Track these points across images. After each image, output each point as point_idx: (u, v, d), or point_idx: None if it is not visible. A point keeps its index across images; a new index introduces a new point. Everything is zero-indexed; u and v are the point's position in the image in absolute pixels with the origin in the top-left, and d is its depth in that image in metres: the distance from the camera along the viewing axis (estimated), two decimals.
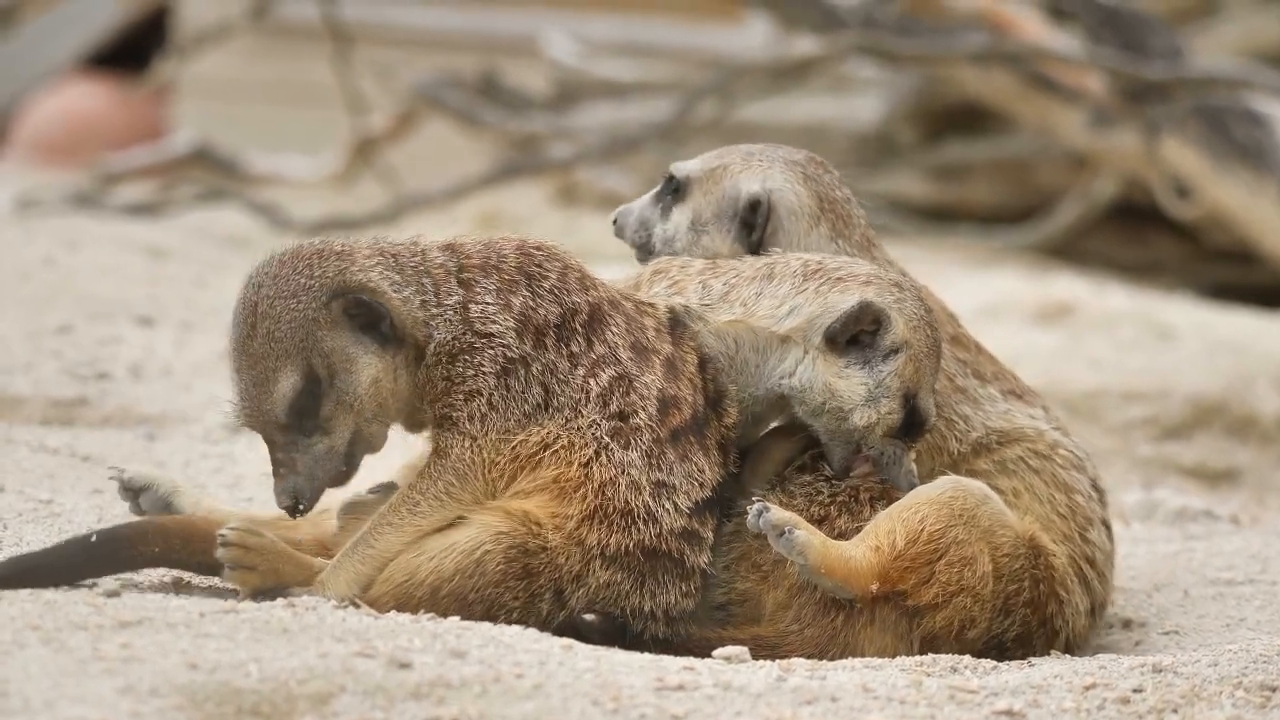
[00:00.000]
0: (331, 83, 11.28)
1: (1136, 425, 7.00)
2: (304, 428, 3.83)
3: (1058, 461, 4.25)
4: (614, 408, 3.91)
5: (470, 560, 3.80)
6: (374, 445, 3.91)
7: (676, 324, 4.06)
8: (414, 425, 3.97)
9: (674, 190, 4.28)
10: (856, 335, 4.01)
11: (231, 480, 5.12)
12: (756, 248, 4.23)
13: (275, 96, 14.66)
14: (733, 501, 4.05)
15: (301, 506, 3.83)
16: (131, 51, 15.67)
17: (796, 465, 4.13)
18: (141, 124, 15.01)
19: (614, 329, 3.97)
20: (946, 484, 4.06)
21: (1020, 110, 8.23)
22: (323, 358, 3.82)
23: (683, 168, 4.30)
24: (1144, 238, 11.04)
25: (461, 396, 3.87)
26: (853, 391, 4.02)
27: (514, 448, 3.87)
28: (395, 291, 3.86)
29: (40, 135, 15.27)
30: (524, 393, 3.89)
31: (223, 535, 3.78)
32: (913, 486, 4.05)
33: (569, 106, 11.61)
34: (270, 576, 3.80)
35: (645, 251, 4.30)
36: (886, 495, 4.06)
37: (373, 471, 4.04)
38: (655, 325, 4.04)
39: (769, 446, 4.19)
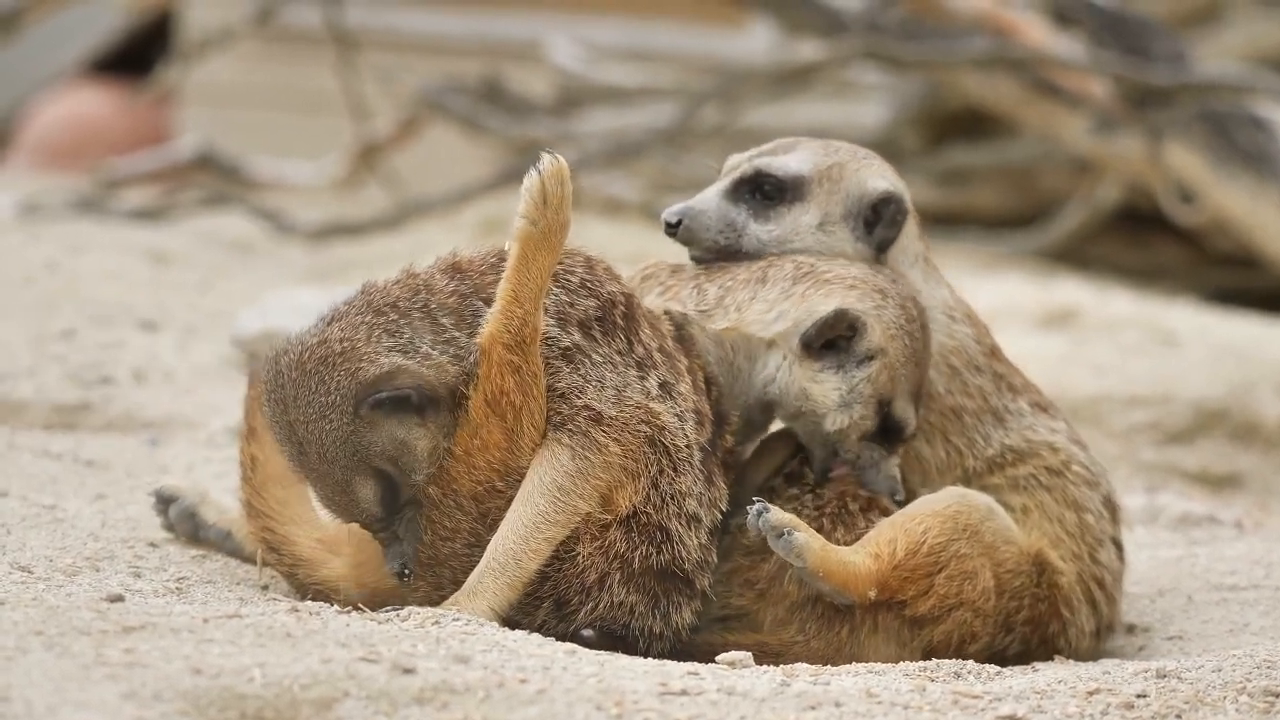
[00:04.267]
0: (335, 88, 11.30)
1: (1140, 430, 6.99)
2: (396, 508, 3.82)
3: (1070, 478, 4.20)
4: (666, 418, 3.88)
5: None
6: None
7: (682, 333, 4.04)
8: None
9: (776, 190, 4.13)
10: (833, 340, 3.99)
11: (234, 485, 5.11)
12: (887, 245, 4.16)
13: (279, 102, 14.67)
14: (725, 517, 4.03)
15: (408, 571, 3.82)
16: (135, 57, 15.68)
17: (785, 473, 4.12)
18: (145, 129, 15.02)
19: (645, 329, 3.94)
20: (951, 496, 4.04)
21: (1024, 116, 8.23)
22: (380, 456, 3.78)
23: (787, 166, 4.16)
24: (1147, 243, 11.04)
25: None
26: (825, 396, 3.99)
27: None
28: (408, 357, 3.79)
29: (44, 140, 15.28)
30: (600, 380, 3.85)
31: None
32: (893, 492, 4.03)
33: (572, 112, 11.61)
34: None
35: (725, 255, 4.13)
36: (876, 505, 4.04)
37: None
38: (667, 330, 4.01)
39: (758, 457, 4.18)
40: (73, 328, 6.90)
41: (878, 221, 4.16)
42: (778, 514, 3.86)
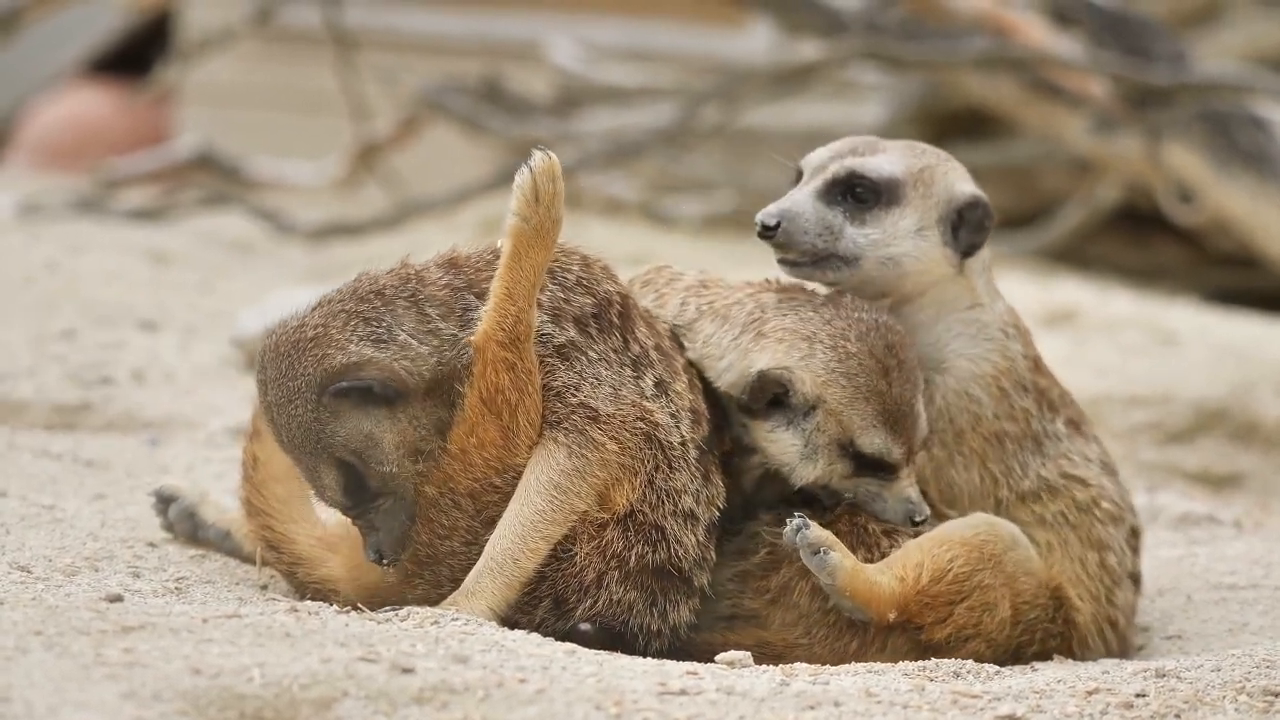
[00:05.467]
0: (335, 88, 11.29)
1: (1140, 430, 6.99)
2: (368, 497, 3.81)
3: (1097, 515, 4.17)
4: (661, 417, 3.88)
5: None
6: None
7: (675, 337, 4.03)
8: None
9: (869, 193, 4.07)
10: (775, 397, 3.96)
11: (234, 485, 5.11)
12: (973, 251, 4.14)
13: (278, 102, 14.67)
14: (735, 519, 4.03)
15: (386, 560, 3.82)
16: (135, 57, 15.68)
17: (804, 497, 4.10)
18: (145, 129, 15.02)
19: (641, 327, 3.93)
20: (980, 524, 4.01)
21: (1024, 116, 8.22)
22: (343, 447, 3.77)
23: (880, 168, 4.09)
24: (1147, 243, 11.04)
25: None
26: (785, 453, 3.96)
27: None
28: (380, 348, 3.78)
29: (44, 140, 15.28)
30: (596, 377, 3.84)
31: None
32: (910, 516, 3.99)
33: (572, 112, 11.61)
34: None
35: (818, 260, 4.06)
36: (896, 529, 4.03)
37: None
38: (664, 330, 4.01)
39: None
40: (73, 328, 6.90)
41: (960, 226, 4.14)
42: (817, 531, 3.85)
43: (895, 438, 3.97)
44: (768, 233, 4.04)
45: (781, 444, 3.96)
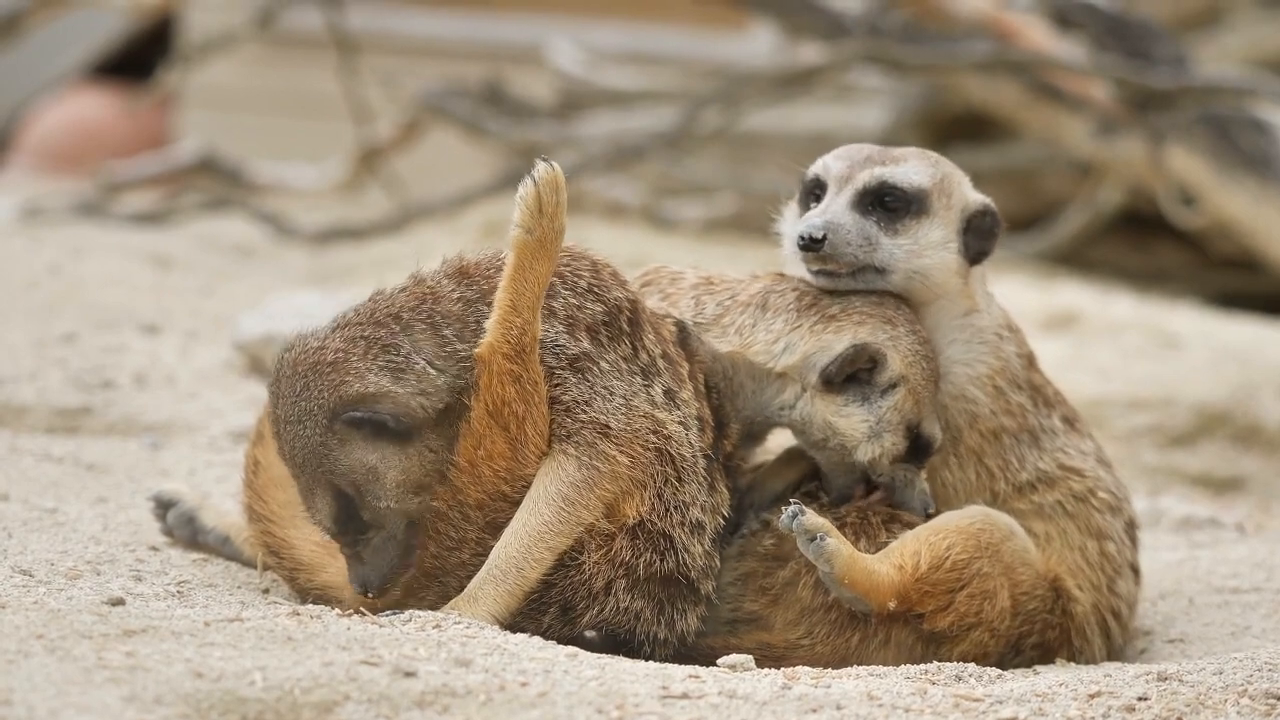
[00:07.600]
0: (337, 92, 11.29)
1: (1142, 433, 6.99)
2: (357, 528, 3.80)
3: (1094, 505, 4.19)
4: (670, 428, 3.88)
5: None
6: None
7: (684, 338, 4.03)
8: None
9: (900, 203, 4.06)
10: (853, 373, 3.99)
11: (236, 488, 5.11)
12: (982, 259, 4.15)
13: (280, 106, 14.67)
14: (736, 523, 4.03)
15: (370, 593, 3.81)
16: (136, 61, 15.68)
17: (803, 491, 4.11)
18: (146, 133, 15.02)
19: (649, 334, 3.93)
20: (975, 514, 4.04)
21: (1025, 119, 8.22)
22: (344, 476, 3.77)
23: (909, 177, 4.09)
24: (1149, 246, 11.03)
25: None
26: (854, 429, 4.00)
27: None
28: (398, 381, 3.77)
29: (46, 144, 15.29)
30: (608, 390, 3.85)
31: None
32: (926, 506, 4.03)
33: (574, 115, 11.60)
34: None
35: (854, 270, 4.06)
36: (897, 518, 4.04)
37: None
38: (669, 335, 4.00)
39: (776, 470, 4.18)
40: (74, 331, 6.89)
41: (967, 233, 4.15)
42: (813, 517, 3.87)
43: (938, 425, 4.03)
44: (815, 245, 4.03)
45: (852, 420, 3.99)
